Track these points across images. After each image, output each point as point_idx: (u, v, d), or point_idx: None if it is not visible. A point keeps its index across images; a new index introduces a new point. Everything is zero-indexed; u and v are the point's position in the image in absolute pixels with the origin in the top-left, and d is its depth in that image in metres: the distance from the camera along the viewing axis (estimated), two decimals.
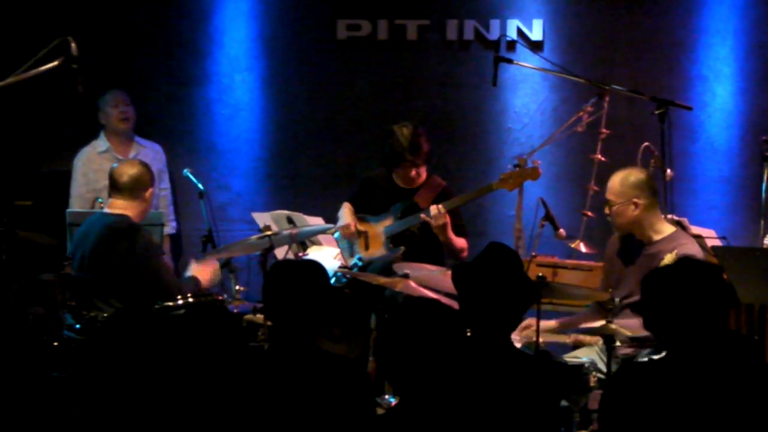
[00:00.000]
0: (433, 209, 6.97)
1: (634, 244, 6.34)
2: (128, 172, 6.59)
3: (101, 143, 8.37)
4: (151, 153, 8.44)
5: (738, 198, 8.29)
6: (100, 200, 7.86)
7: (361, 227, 7.25)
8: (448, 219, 6.99)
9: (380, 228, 7.22)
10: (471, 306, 4.39)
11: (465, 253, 7.11)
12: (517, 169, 6.95)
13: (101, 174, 8.18)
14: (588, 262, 7.12)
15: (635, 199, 6.19)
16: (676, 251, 6.07)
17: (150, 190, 6.62)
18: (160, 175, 8.24)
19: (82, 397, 5.75)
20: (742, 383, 3.83)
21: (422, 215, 7.00)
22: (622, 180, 6.26)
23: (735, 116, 8.35)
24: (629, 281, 6.24)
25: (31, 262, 6.73)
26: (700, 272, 3.97)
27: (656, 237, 6.24)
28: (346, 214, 7.29)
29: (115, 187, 6.59)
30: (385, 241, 7.18)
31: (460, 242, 7.12)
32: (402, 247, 7.05)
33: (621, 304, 6.16)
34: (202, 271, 6.72)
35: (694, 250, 6.11)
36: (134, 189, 6.56)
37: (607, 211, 6.31)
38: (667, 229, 6.26)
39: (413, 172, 7.16)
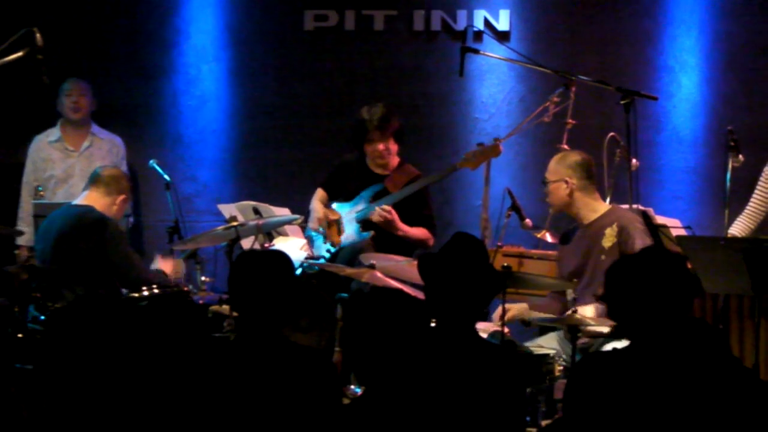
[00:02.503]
0: (376, 210, 6.94)
1: (574, 230, 6.49)
2: (111, 170, 6.93)
3: (54, 132, 8.29)
4: (108, 145, 8.35)
5: (703, 188, 8.33)
6: (40, 189, 7.84)
7: (333, 216, 7.22)
8: (394, 215, 6.96)
9: (351, 214, 7.18)
10: (436, 296, 4.39)
11: (431, 242, 7.08)
12: (479, 147, 6.99)
13: (49, 163, 8.17)
14: (554, 252, 7.12)
15: (567, 178, 6.33)
16: (615, 224, 6.18)
17: (122, 197, 6.72)
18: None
19: (46, 388, 5.74)
20: (705, 372, 3.85)
21: (371, 215, 6.98)
22: (558, 160, 6.44)
23: (700, 106, 8.39)
24: (569, 260, 6.41)
25: None
26: (664, 262, 3.98)
27: (593, 216, 6.37)
28: (316, 207, 7.27)
29: (94, 181, 6.76)
30: (356, 227, 7.15)
31: (419, 232, 7.05)
32: (372, 232, 7.02)
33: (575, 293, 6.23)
34: (167, 266, 6.80)
35: (632, 220, 6.26)
36: (110, 185, 6.73)
37: (545, 190, 6.45)
38: (603, 207, 6.41)
39: (381, 146, 7.09)
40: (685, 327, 3.91)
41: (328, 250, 7.12)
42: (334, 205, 7.27)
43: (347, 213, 7.21)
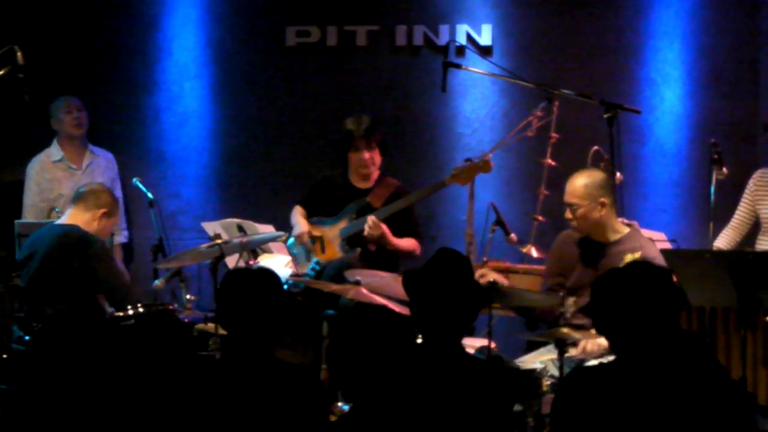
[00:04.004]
0: (369, 222, 6.92)
1: (589, 246, 6.28)
2: (91, 186, 6.92)
3: (55, 152, 8.27)
4: (104, 161, 8.39)
5: (687, 201, 8.33)
6: (57, 210, 7.81)
7: (316, 232, 7.20)
8: (384, 228, 6.94)
9: (335, 231, 7.17)
10: (422, 312, 4.38)
11: (417, 252, 7.07)
12: (468, 162, 6.94)
13: (55, 183, 8.15)
14: (539, 267, 7.11)
15: (602, 199, 6.13)
16: (639, 254, 6.02)
17: (102, 211, 6.65)
18: (112, 184, 8.20)
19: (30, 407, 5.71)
20: (692, 385, 3.85)
21: (361, 228, 6.96)
22: (586, 182, 6.15)
23: (683, 119, 8.39)
24: (581, 275, 6.21)
25: None
26: (649, 275, 3.98)
27: (614, 237, 6.20)
28: (299, 221, 7.23)
29: (75, 199, 6.75)
30: (340, 244, 7.13)
31: (408, 243, 7.05)
32: (358, 249, 7.00)
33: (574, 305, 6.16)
34: None
35: (654, 251, 6.11)
36: (88, 200, 6.68)
37: (569, 215, 6.20)
38: (623, 228, 6.24)
39: (366, 155, 7.09)
40: (671, 340, 3.91)
41: (313, 268, 7.09)
42: (316, 222, 7.25)
43: (330, 229, 7.19)
